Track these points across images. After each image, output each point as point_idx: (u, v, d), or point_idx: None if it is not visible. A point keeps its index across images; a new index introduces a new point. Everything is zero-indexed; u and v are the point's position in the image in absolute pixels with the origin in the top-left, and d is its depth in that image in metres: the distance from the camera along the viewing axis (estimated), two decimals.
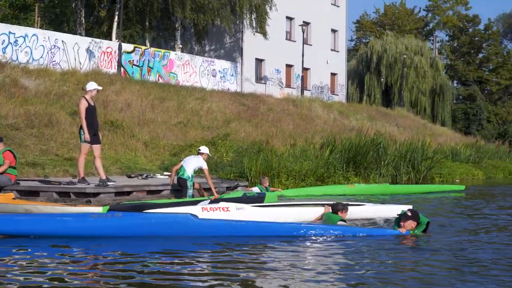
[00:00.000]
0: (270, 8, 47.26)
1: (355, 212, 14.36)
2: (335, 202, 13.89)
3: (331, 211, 13.31)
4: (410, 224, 11.83)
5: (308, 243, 11.00)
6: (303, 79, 52.89)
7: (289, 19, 53.95)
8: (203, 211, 13.51)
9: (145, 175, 20.49)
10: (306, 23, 51.68)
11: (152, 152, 26.73)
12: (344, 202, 13.89)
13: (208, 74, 44.41)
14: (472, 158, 41.10)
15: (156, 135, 28.40)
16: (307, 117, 41.24)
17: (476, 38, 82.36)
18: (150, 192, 17.32)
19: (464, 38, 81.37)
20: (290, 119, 39.24)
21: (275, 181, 24.01)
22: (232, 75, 47.01)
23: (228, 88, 44.42)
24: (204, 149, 18.18)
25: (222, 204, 13.92)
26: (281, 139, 33.35)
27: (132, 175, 20.69)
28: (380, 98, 66.95)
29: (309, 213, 14.22)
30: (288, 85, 53.52)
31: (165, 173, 22.32)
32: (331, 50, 59.16)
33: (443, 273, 8.57)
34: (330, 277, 8.31)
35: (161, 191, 17.69)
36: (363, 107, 52.21)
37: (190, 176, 17.26)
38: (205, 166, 17.38)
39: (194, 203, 15.06)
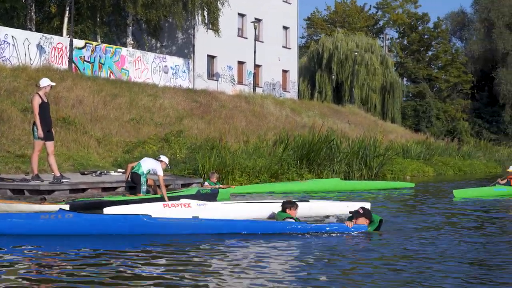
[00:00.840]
0: (222, 5, 47.15)
1: (314, 208, 14.56)
2: (285, 200, 13.93)
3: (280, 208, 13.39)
4: (362, 221, 11.93)
5: (259, 240, 10.99)
6: (255, 76, 52.96)
7: (241, 15, 53.94)
8: (164, 207, 13.50)
9: (99, 172, 20.36)
10: (258, 20, 51.75)
11: (105, 149, 26.53)
12: (294, 200, 13.93)
13: (160, 71, 44.22)
14: (423, 155, 41.57)
15: (108, 132, 28.18)
16: (259, 114, 41.25)
17: (426, 36, 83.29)
18: (105, 189, 17.21)
19: (413, 36, 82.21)
20: (242, 116, 39.22)
21: (229, 178, 23.99)
22: (184, 72, 46.85)
23: (180, 85, 44.19)
24: (164, 158, 17.72)
25: (183, 200, 13.91)
26: (234, 136, 33.33)
27: (86, 172, 20.50)
28: (331, 95, 67.24)
29: (271, 210, 14.26)
30: (240, 82, 53.49)
31: (119, 170, 22.17)
32: (283, 47, 59.24)
33: (389, 272, 8.63)
34: (276, 275, 8.33)
35: (115, 188, 17.58)
36: (314, 104, 52.41)
37: (145, 172, 16.98)
38: (161, 173, 16.85)
39: (151, 200, 15.05)
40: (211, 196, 17.43)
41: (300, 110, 47.07)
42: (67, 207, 13.26)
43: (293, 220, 12.46)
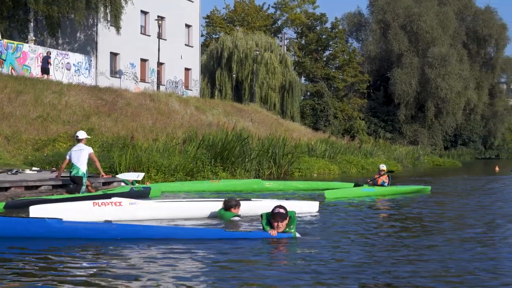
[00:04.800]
0: (126, 2, 46.63)
1: (256, 207, 14.27)
2: (227, 199, 13.87)
3: (223, 207, 13.30)
4: (286, 222, 11.34)
5: (174, 246, 10.67)
6: (158, 74, 52.63)
7: (144, 13, 53.52)
8: (94, 206, 13.20)
9: (15, 170, 19.82)
10: (161, 18, 51.37)
11: (14, 147, 25.94)
12: (238, 198, 13.89)
13: (62, 68, 43.34)
14: (328, 153, 42.11)
15: (17, 130, 27.55)
16: (165, 112, 40.98)
17: (323, 36, 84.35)
18: (28, 188, 16.78)
19: (311, 36, 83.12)
20: (148, 114, 38.88)
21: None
22: (87, 69, 46.13)
23: (83, 82, 43.48)
24: (81, 134, 17.48)
25: (115, 199, 13.63)
26: (142, 134, 32.99)
27: (0, 171, 19.94)
28: (232, 93, 67.41)
29: (203, 209, 14.17)
30: (143, 80, 53.07)
31: (34, 168, 21.70)
32: (185, 45, 59.08)
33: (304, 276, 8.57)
34: (176, 282, 8.20)
35: (38, 186, 17.17)
36: (218, 103, 52.40)
37: (85, 172, 16.79)
38: (91, 150, 16.95)
39: (91, 198, 14.80)
40: (144, 194, 17.23)
41: (205, 109, 46.98)
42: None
43: (239, 218, 12.41)
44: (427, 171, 48.88)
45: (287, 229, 11.29)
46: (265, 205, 13.98)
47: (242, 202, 13.73)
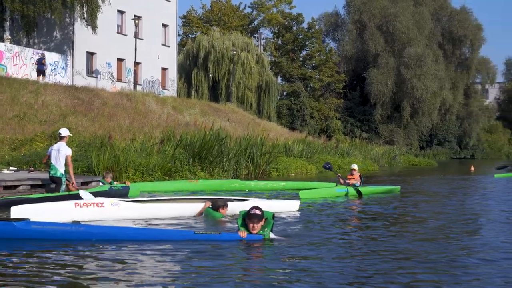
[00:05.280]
0: (103, 1, 46.46)
1: (240, 207, 14.11)
2: (215, 198, 13.88)
3: (211, 207, 13.28)
4: (261, 223, 11.25)
5: (142, 247, 10.58)
6: (135, 73, 52.48)
7: (121, 12, 53.34)
8: (76, 206, 13.16)
9: None
10: (137, 17, 51.23)
11: None
12: (225, 198, 13.89)
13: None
14: (305, 153, 42.20)
15: None
16: (142, 112, 40.90)
17: (300, 36, 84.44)
18: (6, 188, 16.70)
19: (288, 36, 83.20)
20: (125, 113, 38.79)
21: (122, 175, 23.74)
22: (63, 68, 45.95)
23: (59, 81, 43.28)
24: (64, 131, 17.49)
25: (97, 199, 13.58)
26: (119, 134, 32.90)
27: None
28: (208, 93, 67.38)
29: (185, 209, 14.16)
30: (119, 79, 52.90)
31: (11, 168, 21.61)
32: (162, 44, 58.98)
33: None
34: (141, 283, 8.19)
35: (17, 186, 17.09)
36: (195, 102, 52.34)
37: (63, 173, 16.80)
38: (69, 152, 16.94)
39: (74, 197, 14.76)
40: (123, 193, 17.19)
41: (182, 108, 46.92)
42: None
43: (226, 219, 12.39)
44: (403, 170, 49.12)
45: (261, 231, 11.20)
46: (249, 205, 14.00)
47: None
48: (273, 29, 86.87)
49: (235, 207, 14.39)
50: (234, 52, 65.83)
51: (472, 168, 49.44)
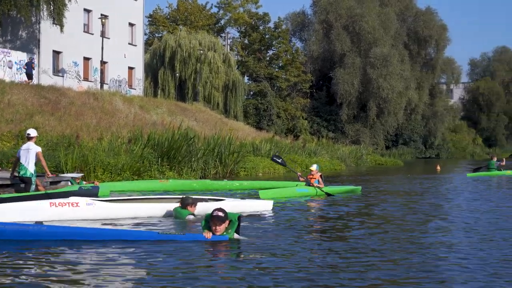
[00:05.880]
0: (69, 0, 46.15)
1: (213, 207, 14.08)
2: (184, 197, 13.82)
3: (180, 205, 13.24)
4: (225, 225, 11.18)
5: (105, 248, 10.48)
6: (102, 73, 52.20)
7: (87, 11, 53.06)
8: (51, 206, 13.07)
9: None
10: (104, 16, 50.93)
11: None
12: (200, 197, 13.85)
13: (4, 66, 42.74)
14: (272, 152, 42.22)
15: None
16: (109, 111, 40.70)
17: (267, 36, 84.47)
18: None
19: (255, 35, 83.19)
20: (92, 113, 38.56)
21: (91, 175, 23.62)
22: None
23: (25, 80, 42.91)
24: (33, 132, 17.63)
25: (72, 199, 13.49)
26: (87, 133, 32.70)
27: None
28: (175, 92, 67.24)
29: (160, 208, 14.11)
30: (86, 79, 52.60)
31: None
32: (129, 44, 58.75)
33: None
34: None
35: None
36: (162, 102, 52.20)
37: (33, 172, 16.74)
38: (39, 149, 16.97)
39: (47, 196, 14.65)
40: (92, 193, 17.07)
41: (149, 108, 46.77)
42: None
43: (194, 217, 12.36)
44: (369, 170, 49.38)
45: (225, 232, 11.14)
46: (223, 206, 13.99)
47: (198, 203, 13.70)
48: (239, 29, 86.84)
49: (211, 207, 14.28)
50: (201, 52, 65.78)
51: (438, 168, 49.83)
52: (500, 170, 40.68)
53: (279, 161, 25.54)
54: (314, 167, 23.64)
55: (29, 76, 41.52)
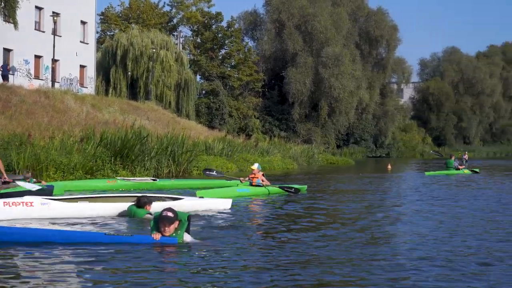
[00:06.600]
0: None
1: (168, 205, 13.92)
2: (141, 195, 13.86)
3: (135, 204, 13.27)
4: (174, 226, 11.03)
5: (48, 250, 10.27)
6: (53, 71, 51.79)
7: (39, 8, 52.63)
8: (4, 205, 13.00)
9: None
10: (56, 14, 50.49)
11: None
12: (150, 195, 13.87)
13: None
14: (225, 151, 42.41)
15: None
16: (60, 110, 40.40)
17: (219, 35, 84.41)
18: None
19: (207, 34, 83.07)
20: (44, 111, 38.27)
21: (43, 174, 23.51)
22: None
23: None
24: None
25: (26, 198, 13.44)
26: (38, 132, 32.44)
27: None
28: (127, 91, 66.92)
29: (115, 208, 14.13)
30: (37, 77, 52.18)
31: None
32: (81, 42, 58.37)
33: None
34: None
35: None
36: (114, 100, 51.99)
37: None
38: None
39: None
40: (47, 193, 17.01)
41: (101, 106, 46.54)
42: None
43: (151, 216, 12.37)
44: (321, 169, 49.77)
45: (174, 233, 11.02)
46: (177, 204, 14.09)
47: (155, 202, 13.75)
48: (192, 28, 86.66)
49: (164, 206, 14.30)
50: (153, 50, 65.59)
51: (389, 167, 50.40)
52: (458, 169, 41.51)
53: (214, 173, 25.60)
54: (255, 166, 23.65)
55: (4, 77, 41.26)
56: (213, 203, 16.12)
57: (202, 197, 17.32)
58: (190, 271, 9.11)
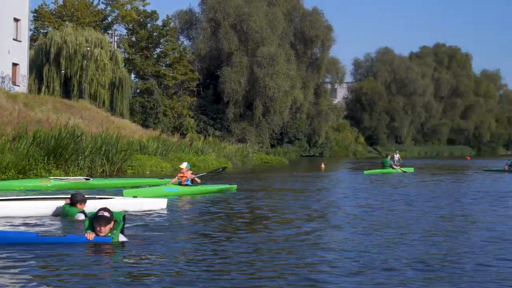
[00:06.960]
0: None
1: (103, 205, 13.95)
2: (74, 194, 13.87)
3: (69, 203, 13.29)
4: (110, 226, 11.03)
5: None
6: None
7: None
8: None
9: None
10: None
11: None
12: (85, 195, 13.89)
13: None
14: (159, 151, 42.44)
15: None
16: None
17: (154, 34, 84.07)
18: None
19: (142, 33, 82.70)
20: None
21: None
22: None
23: None
24: None
25: None
26: None
27: None
28: (60, 90, 66.21)
29: (48, 207, 14.11)
30: None
31: None
32: (13, 39, 57.59)
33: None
34: None
35: None
36: (47, 99, 51.46)
37: None
38: None
39: None
40: None
41: (33, 105, 46.01)
42: None
43: (84, 216, 12.39)
44: (255, 168, 50.11)
45: (109, 233, 11.00)
46: (112, 203, 14.15)
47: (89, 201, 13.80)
48: (127, 26, 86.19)
49: (99, 206, 14.37)
50: (88, 49, 65.06)
51: (323, 166, 50.96)
52: (393, 168, 42.69)
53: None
54: (184, 165, 23.70)
55: None
56: (149, 203, 16.22)
57: (136, 197, 17.40)
58: (123, 272, 9.14)
